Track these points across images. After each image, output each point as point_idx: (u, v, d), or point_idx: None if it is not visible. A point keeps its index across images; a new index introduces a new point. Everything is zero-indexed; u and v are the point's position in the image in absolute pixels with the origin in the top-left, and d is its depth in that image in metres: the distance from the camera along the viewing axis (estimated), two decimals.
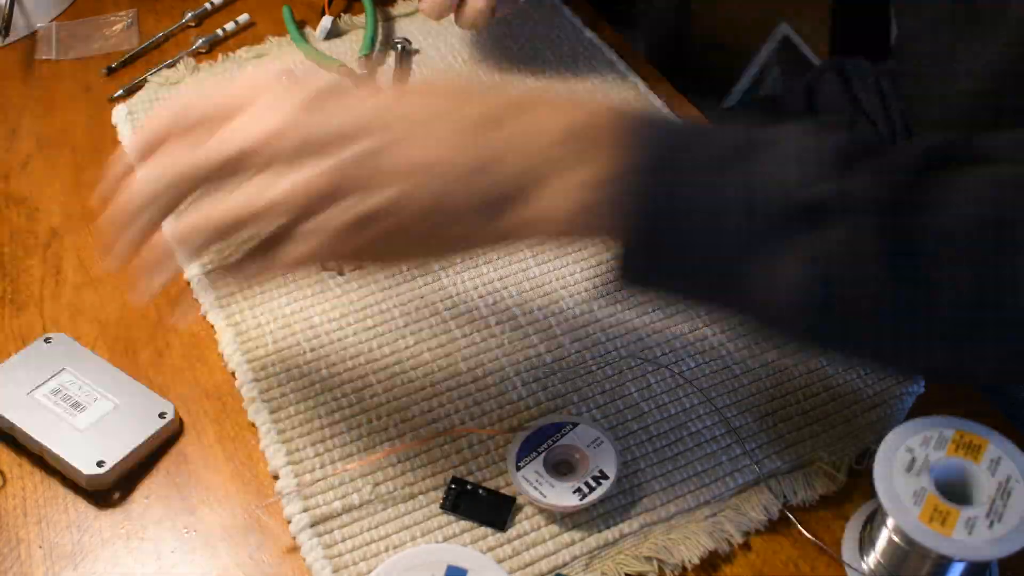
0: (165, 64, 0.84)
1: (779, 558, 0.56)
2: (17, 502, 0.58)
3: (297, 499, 0.57)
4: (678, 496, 0.58)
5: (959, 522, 0.49)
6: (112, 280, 0.69)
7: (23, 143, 0.79)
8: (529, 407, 0.62)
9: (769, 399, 0.62)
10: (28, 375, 0.61)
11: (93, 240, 0.72)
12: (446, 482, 0.58)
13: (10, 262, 0.70)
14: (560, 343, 0.65)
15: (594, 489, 0.56)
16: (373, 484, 0.58)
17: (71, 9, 0.92)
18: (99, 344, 0.65)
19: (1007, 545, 0.48)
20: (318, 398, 0.62)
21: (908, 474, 0.51)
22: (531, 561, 0.55)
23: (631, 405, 0.62)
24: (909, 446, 0.52)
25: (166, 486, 0.59)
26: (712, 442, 0.60)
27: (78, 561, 0.56)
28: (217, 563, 0.56)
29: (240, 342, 0.65)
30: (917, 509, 0.49)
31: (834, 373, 0.63)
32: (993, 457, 0.51)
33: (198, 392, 0.63)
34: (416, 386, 0.63)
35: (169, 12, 0.91)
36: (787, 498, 0.58)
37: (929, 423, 0.53)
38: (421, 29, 0.88)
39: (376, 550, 0.55)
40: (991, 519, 0.49)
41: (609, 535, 0.56)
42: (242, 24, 0.89)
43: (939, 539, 0.49)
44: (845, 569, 0.55)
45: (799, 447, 0.60)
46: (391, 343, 0.65)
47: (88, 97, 0.83)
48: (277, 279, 0.64)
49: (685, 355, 0.64)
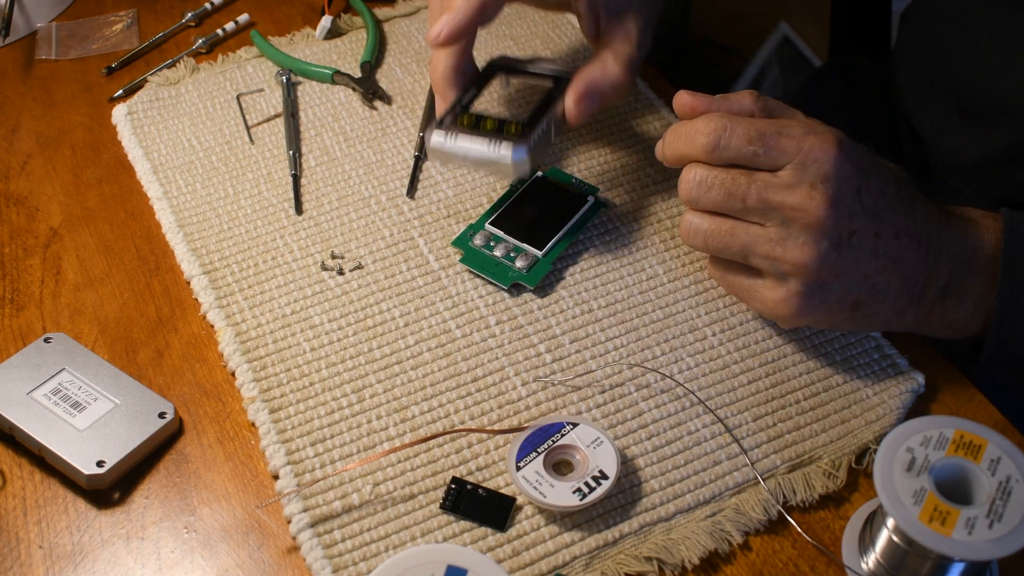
0: (165, 64, 0.85)
1: (779, 558, 0.56)
2: (17, 502, 0.58)
3: (297, 499, 0.57)
4: (678, 496, 0.58)
5: (959, 522, 0.49)
6: (112, 280, 0.69)
7: (23, 143, 0.79)
8: (529, 407, 0.62)
9: (768, 399, 0.62)
10: (28, 375, 0.61)
11: (92, 241, 0.72)
12: (446, 482, 0.58)
13: (10, 262, 0.70)
14: (560, 343, 0.65)
15: (594, 489, 0.56)
16: (373, 484, 0.58)
17: (71, 9, 0.92)
18: (99, 344, 0.65)
19: (1007, 545, 0.48)
20: (318, 398, 0.62)
21: (908, 474, 0.51)
22: (531, 561, 0.55)
23: (631, 405, 0.62)
24: (909, 446, 0.52)
25: (166, 486, 0.59)
26: (712, 442, 0.60)
27: (78, 561, 0.56)
28: (217, 563, 0.56)
29: (240, 342, 0.65)
30: (917, 509, 0.49)
31: (834, 373, 0.63)
32: (993, 457, 0.51)
33: (198, 392, 0.63)
34: (416, 386, 0.63)
35: (169, 12, 0.91)
36: (786, 498, 0.58)
37: (929, 423, 0.53)
38: (421, 29, 0.88)
39: (376, 550, 0.55)
40: (991, 519, 0.49)
41: (609, 535, 0.56)
42: (242, 24, 0.89)
43: (939, 539, 0.49)
44: (845, 570, 0.55)
45: (798, 447, 0.60)
46: (391, 343, 0.65)
47: (88, 97, 0.83)
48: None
49: (685, 355, 0.64)
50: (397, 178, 0.75)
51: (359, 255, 0.70)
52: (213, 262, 0.69)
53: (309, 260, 0.70)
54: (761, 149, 0.57)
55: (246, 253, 0.70)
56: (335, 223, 0.72)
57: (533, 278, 0.67)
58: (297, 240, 0.71)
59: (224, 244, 0.71)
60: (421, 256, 0.70)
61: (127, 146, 0.78)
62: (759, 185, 0.57)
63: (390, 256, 0.70)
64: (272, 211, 0.73)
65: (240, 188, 0.75)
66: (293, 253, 0.70)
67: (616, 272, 0.69)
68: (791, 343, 0.65)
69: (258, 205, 0.73)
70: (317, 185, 0.75)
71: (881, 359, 0.64)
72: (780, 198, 0.56)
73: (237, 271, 0.69)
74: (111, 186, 0.76)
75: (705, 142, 0.58)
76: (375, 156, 0.77)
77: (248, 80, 0.83)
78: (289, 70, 0.83)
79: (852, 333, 0.65)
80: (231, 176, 0.76)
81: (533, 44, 0.86)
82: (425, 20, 0.89)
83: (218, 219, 0.72)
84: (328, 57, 0.85)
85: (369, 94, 0.81)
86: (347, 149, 0.78)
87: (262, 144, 0.78)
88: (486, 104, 0.77)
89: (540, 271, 0.67)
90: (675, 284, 0.68)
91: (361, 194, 0.74)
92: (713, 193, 0.58)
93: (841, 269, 0.57)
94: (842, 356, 0.64)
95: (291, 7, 0.92)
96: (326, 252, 0.70)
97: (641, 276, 0.69)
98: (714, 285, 0.68)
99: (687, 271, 0.69)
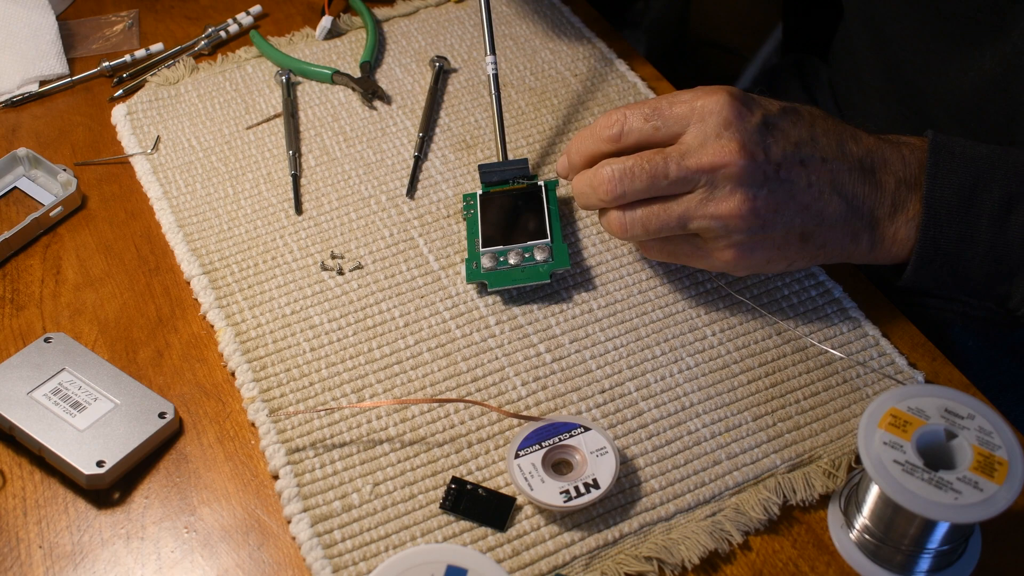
0: (165, 64, 0.84)
1: (779, 558, 0.56)
2: (17, 502, 0.58)
3: (297, 499, 0.57)
4: (678, 496, 0.58)
5: (944, 486, 0.50)
6: (112, 280, 0.69)
7: (23, 143, 0.79)
8: (529, 407, 0.62)
9: (768, 398, 0.62)
10: (28, 375, 0.61)
11: (90, 240, 0.72)
12: (446, 482, 0.58)
13: (10, 262, 0.70)
14: (560, 343, 0.65)
15: (582, 495, 0.55)
16: (373, 484, 0.58)
17: (71, 9, 0.92)
18: (99, 344, 0.65)
19: (990, 507, 0.49)
20: (318, 398, 0.62)
21: (892, 440, 0.52)
22: (531, 561, 0.55)
23: (631, 405, 0.62)
24: (893, 413, 0.52)
25: (166, 486, 0.59)
26: (711, 442, 0.60)
27: (78, 561, 0.56)
28: (217, 563, 0.56)
29: (240, 342, 0.65)
30: (902, 474, 0.50)
31: (834, 373, 0.63)
32: (975, 424, 0.52)
33: (198, 392, 0.63)
34: (416, 386, 0.63)
35: (169, 12, 0.91)
36: (787, 498, 0.58)
37: (913, 391, 0.53)
38: (420, 29, 0.88)
39: (376, 550, 0.55)
40: (973, 483, 0.50)
41: (609, 535, 0.56)
42: (245, 26, 0.89)
43: (924, 503, 0.49)
44: (832, 537, 0.55)
45: (798, 446, 0.60)
46: (391, 343, 0.65)
47: (88, 97, 0.83)
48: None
49: (684, 354, 0.64)
50: (397, 178, 0.75)
51: (359, 255, 0.70)
52: (213, 262, 0.69)
53: (309, 260, 0.70)
54: (659, 122, 0.60)
55: (246, 253, 0.70)
56: (335, 223, 0.72)
57: (562, 260, 0.67)
58: (297, 240, 0.71)
59: (224, 244, 0.71)
60: (421, 256, 0.70)
61: (127, 146, 0.78)
62: (674, 156, 0.59)
63: (390, 256, 0.70)
64: (272, 211, 0.73)
65: (240, 188, 0.75)
66: (293, 253, 0.70)
67: (616, 272, 0.69)
68: (791, 343, 0.65)
69: (258, 205, 0.73)
70: (317, 185, 0.75)
71: (881, 358, 0.64)
72: (695, 160, 0.59)
73: (237, 271, 0.69)
74: (111, 186, 0.76)
75: (610, 133, 0.62)
76: (375, 156, 0.77)
77: (248, 80, 0.83)
78: (289, 70, 0.83)
79: (852, 333, 0.65)
80: (231, 176, 0.76)
81: (533, 44, 0.86)
82: (424, 20, 0.89)
83: (218, 219, 0.72)
84: (328, 57, 0.85)
85: (369, 94, 0.81)
86: (347, 149, 0.78)
87: (262, 144, 0.78)
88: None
89: (563, 251, 0.67)
90: (675, 284, 0.68)
91: (361, 194, 0.74)
92: (637, 181, 0.60)
93: (776, 204, 0.59)
94: (842, 356, 0.64)
95: (291, 7, 0.92)
96: (326, 252, 0.70)
97: (641, 276, 0.69)
98: (715, 285, 0.68)
99: (687, 271, 0.69)
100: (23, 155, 0.75)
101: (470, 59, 0.85)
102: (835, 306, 0.67)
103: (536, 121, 0.80)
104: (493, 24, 0.76)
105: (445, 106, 0.81)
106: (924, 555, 0.53)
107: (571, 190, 0.65)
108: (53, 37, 0.85)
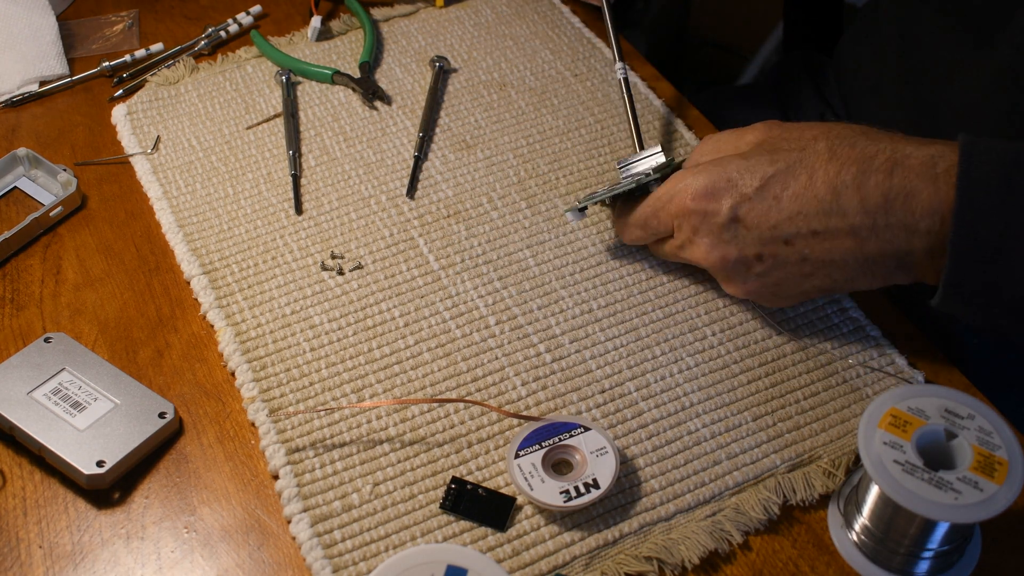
0: (165, 64, 0.84)
1: (779, 558, 0.56)
2: (17, 502, 0.58)
3: (297, 499, 0.57)
4: (678, 496, 0.58)
5: (944, 486, 0.50)
6: (112, 280, 0.69)
7: (23, 143, 0.79)
8: (529, 407, 0.62)
9: (768, 399, 0.62)
10: (28, 375, 0.61)
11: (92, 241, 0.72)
12: (446, 482, 0.58)
13: (10, 262, 0.70)
14: (560, 343, 0.65)
15: (582, 495, 0.55)
16: (373, 484, 0.58)
17: (71, 9, 0.92)
18: (99, 344, 0.65)
19: (990, 508, 0.49)
20: (318, 398, 0.62)
21: (892, 440, 0.51)
22: (531, 561, 0.55)
23: (631, 405, 0.62)
24: (893, 413, 0.52)
25: (166, 486, 0.59)
26: (711, 442, 0.60)
27: (78, 561, 0.56)
28: (217, 563, 0.56)
29: (240, 342, 0.65)
30: (902, 474, 0.50)
31: (834, 373, 0.63)
32: (975, 425, 0.52)
33: (198, 392, 0.63)
34: (416, 386, 0.63)
35: (169, 12, 0.91)
36: (787, 498, 0.58)
37: (913, 391, 0.53)
38: (420, 29, 0.88)
39: (376, 550, 0.55)
40: (973, 483, 0.50)
41: (609, 535, 0.56)
42: (245, 26, 0.89)
43: (924, 503, 0.49)
44: (832, 537, 0.55)
45: (798, 446, 0.60)
46: (391, 343, 0.65)
47: (88, 97, 0.83)
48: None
49: (685, 355, 0.64)
50: (397, 178, 0.75)
51: (359, 255, 0.70)
52: (213, 262, 0.69)
53: (309, 260, 0.70)
54: (648, 234, 0.66)
55: (246, 253, 0.70)
56: (335, 223, 0.72)
57: (672, 160, 0.70)
58: (297, 240, 0.71)
59: (224, 244, 0.71)
60: (421, 256, 0.70)
61: (127, 146, 0.78)
62: (671, 252, 0.65)
63: (390, 256, 0.70)
64: (272, 211, 0.73)
65: (240, 188, 0.75)
66: (293, 253, 0.70)
67: (616, 272, 0.69)
68: (791, 343, 0.65)
69: (258, 205, 0.73)
70: (317, 185, 0.75)
71: (881, 358, 0.64)
72: (687, 256, 0.64)
73: (237, 271, 0.69)
74: (111, 186, 0.76)
75: (629, 241, 0.69)
76: (375, 156, 0.77)
77: (248, 80, 0.83)
78: (289, 70, 0.83)
79: (853, 333, 0.65)
80: (231, 176, 0.76)
81: (532, 44, 0.86)
82: (424, 20, 0.89)
83: (218, 219, 0.72)
84: (328, 57, 0.85)
85: (369, 94, 0.81)
86: (347, 149, 0.78)
87: (262, 144, 0.78)
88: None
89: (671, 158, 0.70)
90: (675, 284, 0.68)
91: (361, 194, 0.74)
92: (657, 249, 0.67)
93: (776, 281, 0.61)
94: (842, 356, 0.64)
95: (291, 7, 0.92)
96: (326, 252, 0.70)
97: (641, 276, 0.69)
98: (714, 285, 0.68)
99: (687, 271, 0.69)
100: (23, 155, 0.75)
101: (470, 59, 0.85)
102: (835, 306, 0.67)
103: (536, 121, 0.80)
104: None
105: (445, 106, 0.81)
106: (924, 555, 0.53)
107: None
108: (53, 37, 0.85)
